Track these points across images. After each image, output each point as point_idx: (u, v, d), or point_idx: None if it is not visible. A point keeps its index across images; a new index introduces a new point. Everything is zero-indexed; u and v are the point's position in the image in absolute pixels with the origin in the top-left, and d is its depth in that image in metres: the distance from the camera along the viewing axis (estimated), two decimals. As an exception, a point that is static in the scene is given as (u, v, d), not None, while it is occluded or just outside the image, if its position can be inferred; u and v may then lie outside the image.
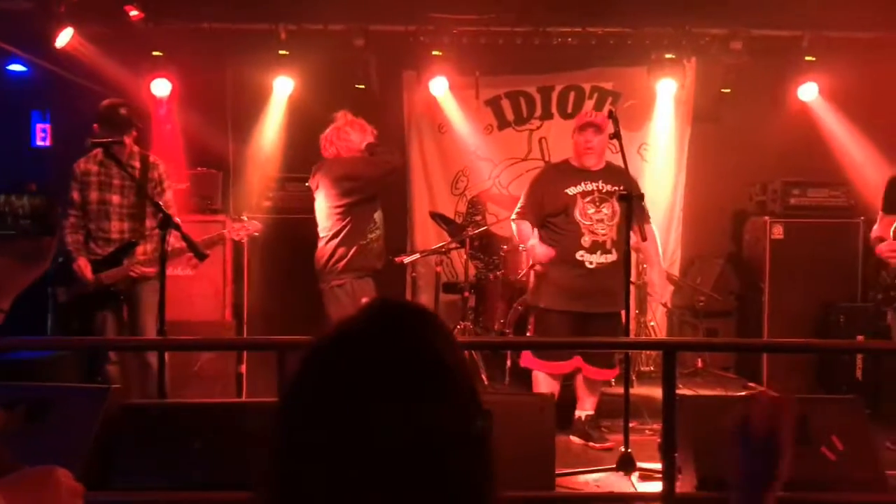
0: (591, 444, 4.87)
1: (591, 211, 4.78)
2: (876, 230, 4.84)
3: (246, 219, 4.99)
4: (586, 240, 4.75)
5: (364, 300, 4.45)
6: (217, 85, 6.63)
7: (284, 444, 0.88)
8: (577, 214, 4.77)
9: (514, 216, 5.02)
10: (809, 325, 6.28)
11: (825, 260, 6.30)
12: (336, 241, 4.74)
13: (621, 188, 4.67)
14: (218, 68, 6.57)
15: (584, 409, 5.00)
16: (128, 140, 4.62)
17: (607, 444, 4.81)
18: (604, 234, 4.77)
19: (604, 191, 4.79)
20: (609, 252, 4.77)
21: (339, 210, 4.74)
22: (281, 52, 6.30)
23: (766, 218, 6.47)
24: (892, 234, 4.71)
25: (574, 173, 4.87)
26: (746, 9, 6.00)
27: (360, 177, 4.75)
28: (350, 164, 4.78)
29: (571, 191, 4.80)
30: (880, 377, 5.58)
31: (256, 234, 5.04)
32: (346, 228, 4.73)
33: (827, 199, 6.53)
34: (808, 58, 6.48)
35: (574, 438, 4.95)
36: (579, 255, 4.76)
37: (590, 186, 4.80)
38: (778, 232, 6.44)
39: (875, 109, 6.40)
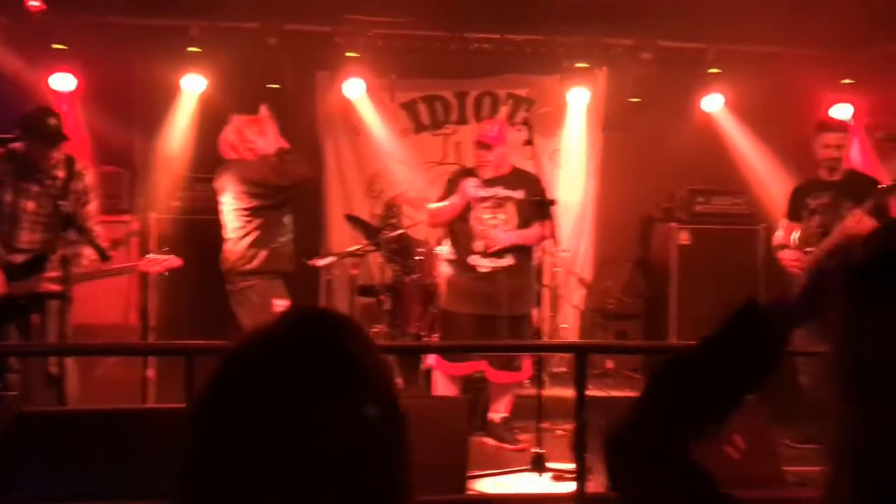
0: (504, 445, 4.91)
1: (487, 216, 4.86)
2: (779, 237, 5.04)
3: (165, 251, 4.76)
4: (478, 244, 4.85)
5: (275, 301, 4.41)
6: (124, 81, 6.41)
7: (197, 452, 0.86)
8: (472, 219, 4.87)
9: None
10: (713, 328, 6.47)
11: (728, 265, 6.53)
12: (244, 242, 4.59)
13: (521, 193, 4.82)
14: (125, 64, 6.35)
15: (498, 412, 5.05)
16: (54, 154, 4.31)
17: (520, 446, 4.87)
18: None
19: (501, 196, 4.88)
20: (502, 256, 4.84)
21: (247, 212, 4.61)
22: (191, 48, 6.14)
23: (673, 224, 6.67)
24: (792, 241, 4.92)
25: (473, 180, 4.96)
26: (656, 21, 6.16)
27: (268, 184, 4.58)
28: (258, 169, 4.59)
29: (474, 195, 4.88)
30: (780, 378, 5.81)
31: (174, 268, 4.80)
32: (255, 231, 4.59)
33: (730, 207, 6.78)
34: (712, 70, 6.72)
35: (488, 440, 4.99)
36: (471, 259, 4.86)
37: (488, 192, 4.88)
38: (684, 238, 6.65)
39: (774, 121, 6.68)
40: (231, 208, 4.64)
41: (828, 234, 4.72)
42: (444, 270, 5.10)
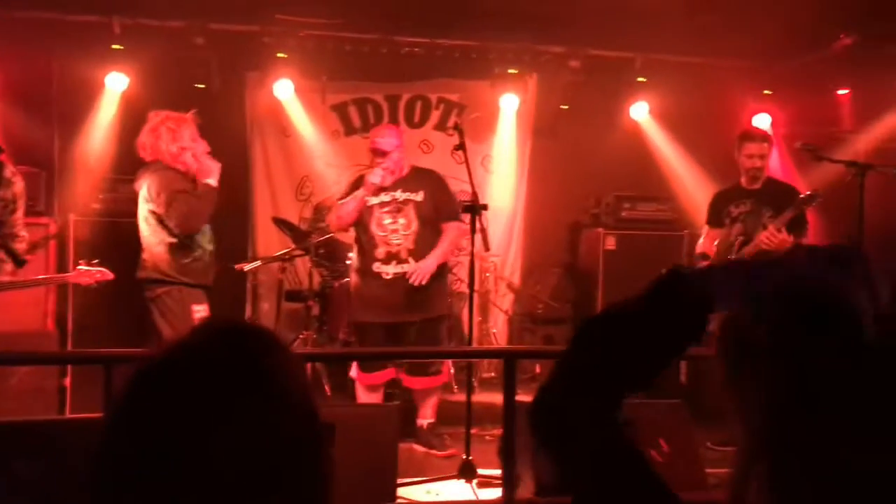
0: (432, 451, 4.90)
1: (388, 221, 4.79)
2: (701, 245, 5.15)
3: (96, 263, 4.58)
4: (380, 251, 4.78)
5: (194, 307, 4.30)
6: (42, 78, 6.18)
7: (108, 467, 0.83)
8: (372, 226, 4.79)
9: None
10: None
11: (653, 270, 6.45)
12: (160, 249, 4.45)
13: (421, 195, 4.78)
14: (44, 60, 6.13)
15: (425, 418, 5.04)
16: None
17: (448, 452, 4.87)
18: (398, 245, 4.78)
19: (401, 200, 4.81)
20: (406, 262, 4.77)
21: (160, 218, 4.47)
22: (114, 46, 5.96)
23: (600, 230, 6.78)
24: (715, 249, 5.04)
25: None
26: (585, 29, 6.26)
27: (165, 219, 4.39)
28: (170, 183, 4.37)
29: (371, 201, 4.81)
30: (701, 382, 5.95)
31: (106, 281, 4.63)
32: (170, 238, 4.44)
33: (655, 213, 6.92)
34: (640, 79, 6.85)
35: (417, 446, 4.98)
36: (375, 266, 4.79)
37: (387, 197, 4.81)
38: (610, 243, 6.76)
39: (698, 129, 6.86)
40: (145, 213, 4.50)
41: (749, 241, 4.84)
42: (353, 280, 5.01)
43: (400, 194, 4.80)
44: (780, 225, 4.65)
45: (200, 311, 4.43)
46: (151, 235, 4.45)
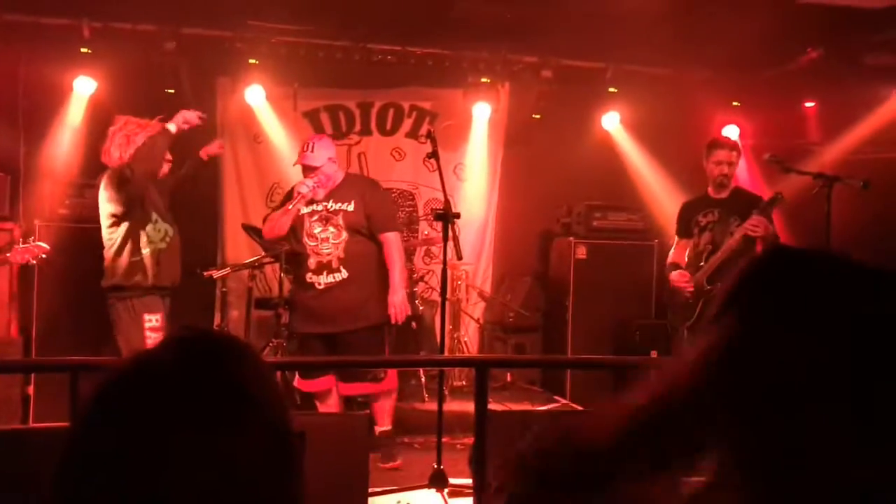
0: (377, 463, 4.72)
1: (318, 230, 4.73)
2: (671, 255, 5.18)
3: (32, 240, 4.58)
4: (312, 262, 4.72)
5: (146, 316, 4.25)
6: (9, 81, 6.08)
7: (74, 480, 0.81)
8: (304, 236, 4.74)
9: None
10: (609, 341, 6.65)
11: (623, 279, 6.71)
12: (109, 254, 4.48)
13: (351, 204, 4.69)
14: (9, 63, 6.03)
15: (381, 426, 4.97)
16: None
17: (393, 464, 4.81)
18: (328, 254, 4.71)
19: (330, 209, 4.74)
20: (337, 271, 4.70)
21: (110, 220, 4.51)
22: (83, 49, 5.89)
23: (571, 239, 6.81)
24: (686, 259, 5.07)
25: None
26: (557, 39, 6.30)
27: (119, 188, 4.45)
28: (112, 175, 4.48)
29: (302, 210, 4.75)
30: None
31: (44, 256, 4.64)
32: (118, 241, 4.47)
33: (626, 223, 6.96)
34: (611, 89, 6.91)
35: (373, 455, 4.89)
36: (309, 277, 4.74)
37: (318, 206, 4.75)
38: (581, 252, 6.79)
39: (668, 139, 6.93)
40: (102, 217, 4.54)
41: (717, 250, 4.88)
42: (291, 289, 4.97)
43: (331, 204, 4.74)
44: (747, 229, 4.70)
45: (152, 320, 4.39)
46: (106, 240, 4.48)
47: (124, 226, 4.47)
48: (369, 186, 4.96)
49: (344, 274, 4.69)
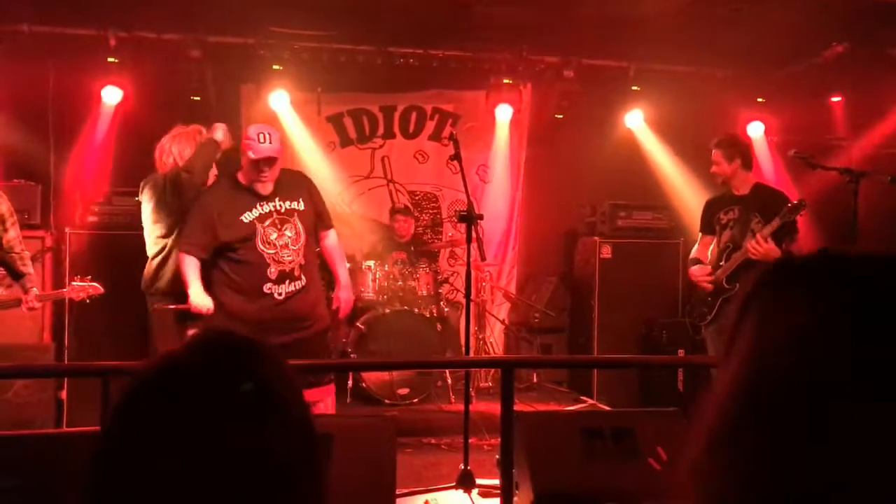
0: None
1: (274, 236, 4.26)
2: (694, 251, 5.15)
3: (89, 279, 4.65)
4: (272, 271, 4.26)
5: (189, 324, 4.22)
6: (38, 91, 6.20)
7: (101, 481, 0.83)
8: (259, 243, 4.24)
9: (180, 247, 4.32)
10: (635, 340, 6.62)
11: (649, 278, 6.67)
12: (155, 262, 4.49)
13: (299, 202, 4.33)
14: (39, 74, 6.14)
15: None
16: None
17: None
18: (290, 262, 4.29)
19: (283, 210, 4.29)
20: (298, 279, 4.33)
21: (157, 229, 4.50)
22: (110, 59, 5.98)
23: (596, 238, 6.79)
24: (709, 256, 5.03)
25: (246, 194, 4.28)
26: (578, 39, 6.29)
27: (166, 198, 4.44)
28: (160, 183, 4.47)
29: (247, 217, 4.24)
30: (699, 389, 5.95)
31: (97, 296, 4.68)
32: (164, 251, 4.47)
33: (651, 221, 6.93)
34: (634, 87, 6.88)
35: None
36: (266, 287, 4.27)
37: (266, 208, 4.26)
38: (606, 252, 6.76)
39: (692, 137, 6.87)
40: (146, 225, 4.56)
41: (738, 248, 4.80)
42: (228, 298, 4.31)
43: (279, 204, 4.29)
44: (767, 234, 4.62)
45: (195, 328, 4.43)
46: (150, 247, 4.51)
47: (175, 234, 4.45)
48: (307, 180, 4.55)
49: (303, 281, 4.34)
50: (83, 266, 5.68)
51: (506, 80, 6.74)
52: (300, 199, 4.34)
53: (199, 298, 4.19)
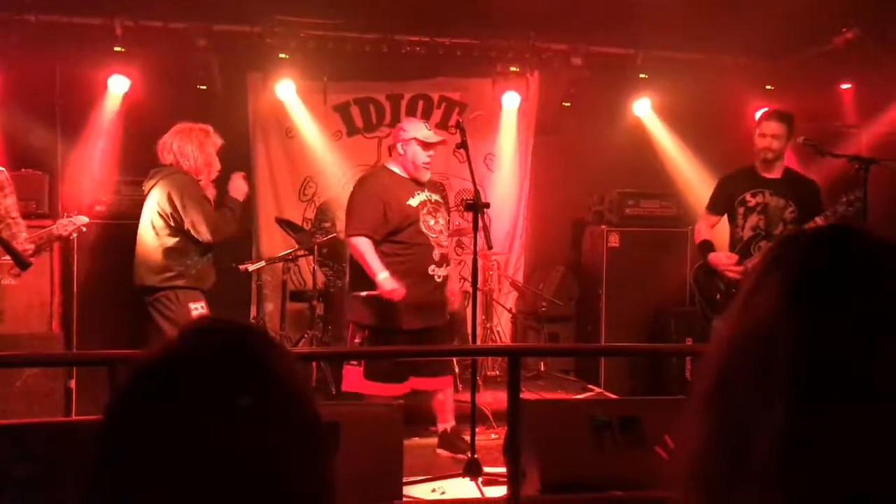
0: (458, 455, 4.67)
1: (432, 222, 4.60)
2: (701, 232, 4.87)
3: (75, 213, 4.65)
4: (436, 253, 4.58)
5: (191, 305, 4.28)
6: (45, 81, 6.21)
7: (104, 469, 0.83)
8: (422, 227, 4.55)
9: (352, 232, 4.55)
10: (643, 329, 6.62)
11: (657, 267, 6.66)
12: (156, 256, 4.48)
13: (440, 197, 4.77)
14: (46, 63, 6.14)
15: (447, 422, 4.94)
16: None
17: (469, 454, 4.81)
18: (446, 246, 4.72)
19: (433, 200, 4.68)
20: (449, 264, 4.73)
21: (162, 227, 4.49)
22: (116, 48, 5.97)
23: (604, 227, 6.77)
24: (712, 235, 4.91)
25: (406, 183, 4.63)
26: (586, 26, 6.26)
27: (194, 224, 4.43)
28: (193, 201, 4.44)
29: (413, 202, 4.58)
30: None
31: (84, 228, 4.69)
32: (167, 248, 4.47)
33: (659, 210, 6.91)
34: (641, 75, 6.85)
35: (441, 451, 4.87)
36: (431, 269, 4.58)
37: (423, 196, 4.62)
38: (614, 240, 6.75)
39: (701, 125, 6.85)
40: (149, 217, 4.54)
41: (769, 236, 4.56)
42: (399, 283, 4.53)
43: (430, 195, 4.67)
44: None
45: (198, 308, 4.45)
46: (154, 239, 4.48)
47: (179, 234, 4.47)
48: (440, 184, 4.99)
49: (450, 266, 4.71)
50: (91, 255, 5.71)
51: (513, 68, 6.71)
52: (440, 195, 4.78)
53: (390, 283, 4.41)
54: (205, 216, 4.44)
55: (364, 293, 4.54)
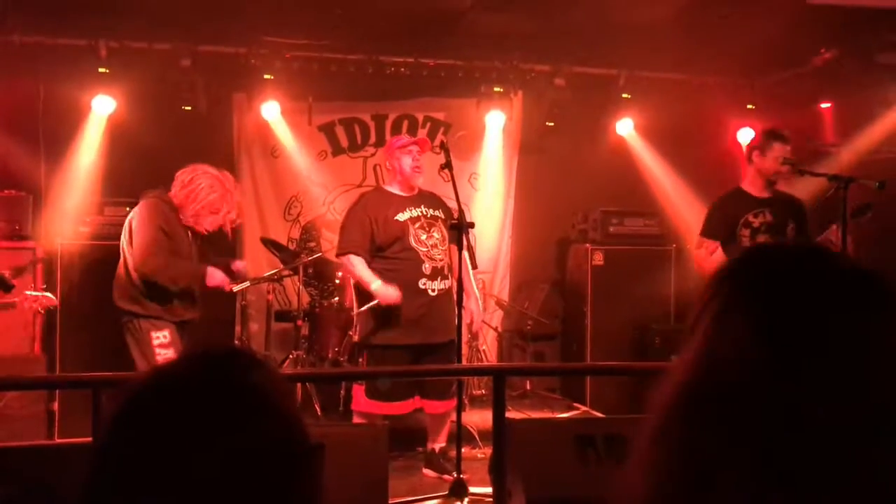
0: (444, 476, 4.67)
1: (424, 237, 4.66)
2: (710, 258, 4.65)
3: (43, 289, 4.64)
4: (427, 267, 4.64)
5: (153, 335, 4.22)
6: (29, 102, 6.17)
7: (100, 495, 0.83)
8: (412, 241, 4.63)
9: (341, 251, 4.72)
10: (628, 346, 6.64)
11: (641, 284, 6.69)
12: (124, 281, 4.46)
13: (439, 212, 4.78)
14: (30, 84, 6.13)
15: (438, 442, 4.93)
16: None
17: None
18: (441, 260, 4.69)
19: (429, 216, 4.72)
20: (447, 278, 4.70)
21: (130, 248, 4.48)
22: (101, 69, 5.97)
23: (588, 245, 6.81)
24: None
25: (396, 199, 4.74)
26: (569, 47, 6.32)
27: (133, 247, 4.41)
28: (143, 225, 4.40)
29: (401, 217, 4.67)
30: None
31: (52, 307, 4.69)
32: (132, 275, 4.44)
33: (642, 228, 6.96)
34: (624, 95, 6.91)
35: (428, 471, 4.87)
36: (422, 283, 4.62)
37: (415, 212, 4.70)
38: (598, 258, 6.79)
39: (683, 144, 6.91)
40: (122, 239, 4.53)
41: None
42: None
43: (425, 209, 4.73)
44: (830, 235, 4.37)
45: (159, 337, 4.37)
46: (123, 263, 4.50)
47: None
48: (442, 200, 4.95)
49: (450, 281, 4.67)
50: (75, 276, 5.67)
51: (497, 88, 6.75)
52: (440, 210, 4.80)
53: (385, 290, 4.51)
54: (147, 243, 4.36)
55: (365, 307, 4.63)
